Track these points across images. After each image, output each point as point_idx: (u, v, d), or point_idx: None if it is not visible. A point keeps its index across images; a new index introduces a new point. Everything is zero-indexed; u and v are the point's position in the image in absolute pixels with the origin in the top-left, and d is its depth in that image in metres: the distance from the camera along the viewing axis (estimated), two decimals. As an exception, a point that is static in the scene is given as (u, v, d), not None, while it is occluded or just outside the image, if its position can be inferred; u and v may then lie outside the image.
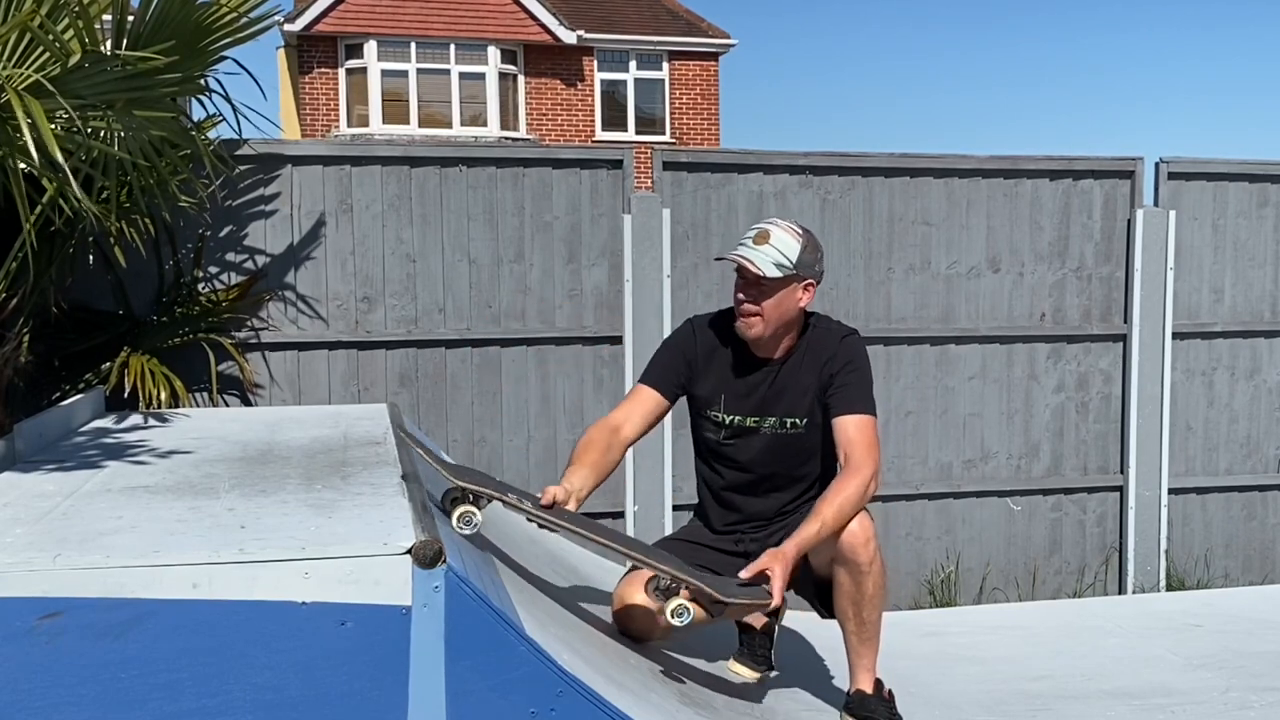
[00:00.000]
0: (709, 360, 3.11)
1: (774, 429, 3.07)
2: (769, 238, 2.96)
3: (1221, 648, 3.93)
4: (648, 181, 5.65)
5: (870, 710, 2.95)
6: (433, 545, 2.18)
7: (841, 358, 3.02)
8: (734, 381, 3.09)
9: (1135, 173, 5.71)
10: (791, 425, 3.06)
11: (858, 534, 2.87)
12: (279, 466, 3.10)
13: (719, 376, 3.10)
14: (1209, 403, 5.86)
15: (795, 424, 3.06)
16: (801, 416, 3.06)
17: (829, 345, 3.06)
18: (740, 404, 3.09)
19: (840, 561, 2.91)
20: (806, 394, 3.04)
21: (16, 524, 2.42)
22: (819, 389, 3.03)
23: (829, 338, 3.09)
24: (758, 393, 3.08)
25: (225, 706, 2.11)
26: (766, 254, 2.95)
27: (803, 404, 3.05)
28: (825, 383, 3.02)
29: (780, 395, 3.06)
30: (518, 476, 5.20)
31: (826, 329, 3.13)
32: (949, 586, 5.60)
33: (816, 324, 3.13)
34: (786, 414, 3.06)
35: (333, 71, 18.78)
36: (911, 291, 5.57)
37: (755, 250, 2.95)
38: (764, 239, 2.96)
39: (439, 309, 5.12)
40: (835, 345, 3.06)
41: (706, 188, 5.35)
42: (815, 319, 3.14)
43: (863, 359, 3.03)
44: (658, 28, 20.07)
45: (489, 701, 2.21)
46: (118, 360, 4.39)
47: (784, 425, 3.06)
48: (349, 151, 5.23)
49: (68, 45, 3.41)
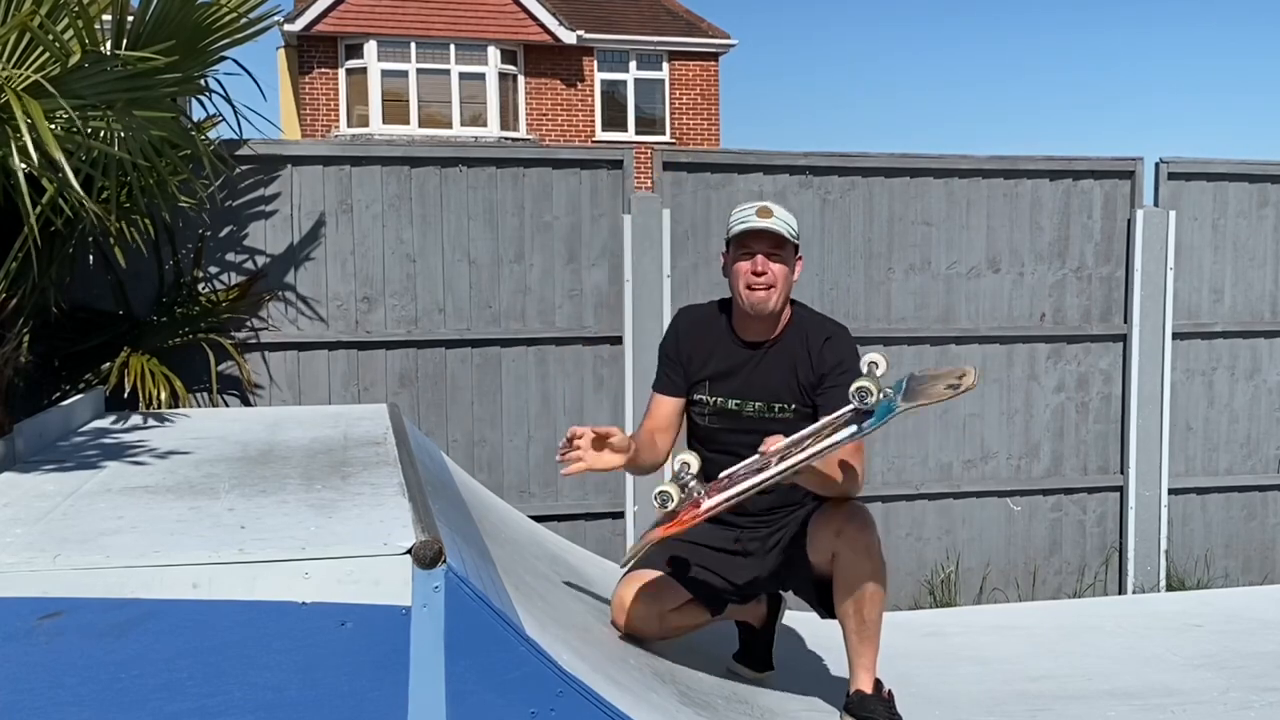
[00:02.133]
0: (696, 345, 3.15)
1: (759, 413, 3.07)
2: (771, 212, 3.03)
3: (1221, 648, 3.93)
4: (648, 182, 5.65)
5: (870, 710, 2.95)
6: (433, 545, 2.18)
7: (834, 355, 3.04)
8: (720, 363, 3.12)
9: (1135, 173, 5.71)
10: (780, 410, 3.06)
11: (860, 532, 2.88)
12: (279, 467, 3.10)
13: (705, 359, 3.14)
14: (1209, 403, 5.86)
15: (783, 409, 3.06)
16: (789, 402, 3.06)
17: (816, 336, 3.08)
18: (724, 385, 3.11)
19: (841, 558, 2.91)
20: (791, 380, 3.06)
21: (16, 524, 2.42)
22: (809, 384, 3.04)
23: (815, 331, 3.10)
24: (741, 374, 3.10)
25: (225, 706, 2.11)
26: (779, 223, 3.01)
27: (789, 389, 3.06)
28: (815, 380, 3.03)
29: (766, 378, 3.08)
30: (518, 476, 5.21)
31: (811, 316, 3.17)
32: (949, 586, 5.60)
33: (798, 309, 3.16)
34: (773, 398, 3.07)
35: (333, 72, 18.78)
36: (911, 291, 5.57)
37: (767, 221, 3.01)
38: (767, 213, 3.03)
39: (439, 309, 5.12)
40: (823, 339, 3.07)
41: (706, 188, 5.35)
42: (796, 304, 3.17)
43: (854, 359, 3.02)
44: (658, 28, 20.07)
45: (489, 701, 2.21)
46: (118, 360, 4.38)
47: (770, 410, 3.07)
48: (349, 152, 5.23)
49: (67, 45, 3.41)
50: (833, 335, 3.09)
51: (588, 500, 5.30)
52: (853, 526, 2.90)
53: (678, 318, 3.27)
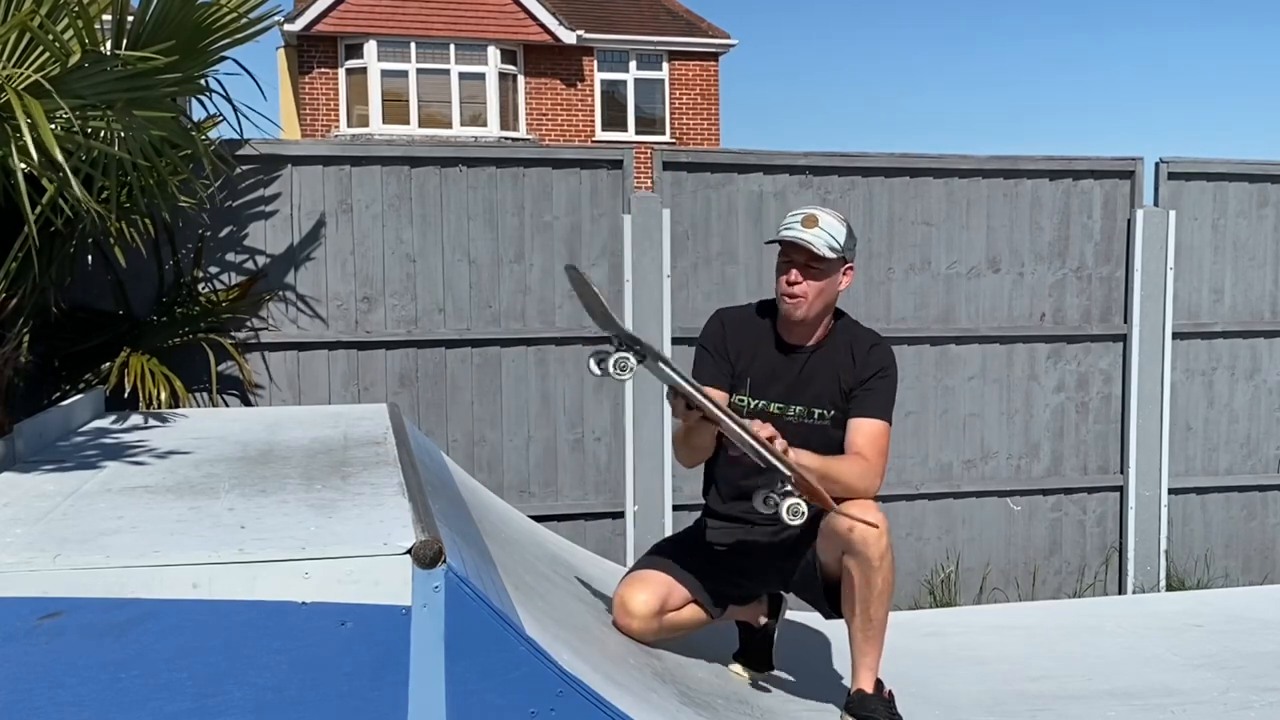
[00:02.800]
0: (739, 345, 3.15)
1: (799, 418, 3.08)
2: (818, 221, 3.02)
3: (1221, 648, 3.93)
4: (648, 181, 5.65)
5: (870, 710, 2.95)
6: (433, 545, 2.18)
7: (875, 364, 3.08)
8: (763, 366, 3.12)
9: (1135, 173, 5.71)
10: (819, 416, 3.08)
11: (872, 528, 2.87)
12: (279, 466, 3.10)
13: (748, 361, 3.13)
14: (1209, 403, 5.86)
15: (822, 415, 3.08)
16: (828, 409, 3.08)
17: (861, 345, 3.12)
18: (767, 389, 3.10)
19: (852, 555, 2.91)
20: (833, 386, 3.07)
21: (16, 524, 2.42)
22: (848, 388, 3.06)
23: (861, 338, 3.15)
24: (785, 378, 3.10)
25: (225, 706, 2.11)
26: (819, 236, 3.01)
27: (830, 396, 3.08)
28: (854, 384, 3.06)
29: (808, 383, 3.09)
30: (518, 476, 5.21)
31: (857, 327, 3.20)
32: (949, 586, 5.60)
33: (845, 319, 3.20)
34: (813, 404, 3.08)
35: (333, 71, 18.78)
36: (911, 291, 5.57)
37: (808, 232, 3.01)
38: (813, 222, 3.02)
39: (439, 309, 5.12)
40: (868, 348, 3.11)
41: (706, 188, 5.35)
42: (843, 315, 3.19)
43: (894, 369, 3.11)
44: (658, 28, 20.07)
45: (489, 701, 2.21)
46: (118, 360, 4.38)
47: (810, 415, 3.08)
48: (349, 152, 5.23)
49: (68, 45, 3.41)
50: (877, 344, 3.14)
51: (588, 500, 5.30)
52: (866, 524, 2.90)
53: (720, 315, 3.25)
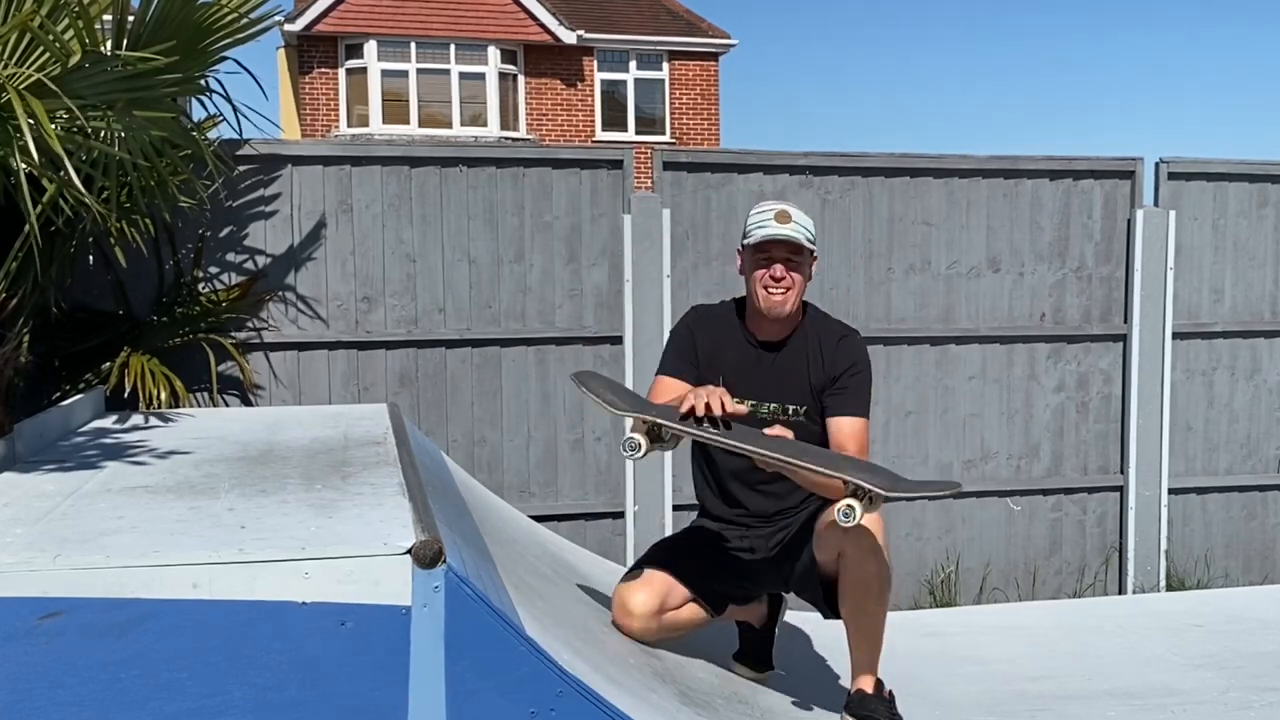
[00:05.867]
0: (710, 343, 3.15)
1: (773, 415, 3.07)
2: (791, 216, 3.04)
3: (1221, 648, 3.93)
4: (648, 181, 5.65)
5: (871, 710, 2.95)
6: (433, 545, 2.18)
7: (846, 359, 3.07)
8: (734, 364, 3.12)
9: (1135, 173, 5.71)
10: (793, 412, 3.08)
11: (869, 529, 2.87)
12: (279, 466, 3.10)
13: (719, 359, 3.13)
14: (1209, 403, 5.86)
15: (796, 411, 3.07)
16: (802, 404, 3.08)
17: (830, 337, 3.11)
18: (739, 387, 3.10)
19: (849, 555, 2.91)
20: (806, 382, 3.07)
21: (16, 524, 2.42)
22: (820, 385, 3.05)
23: (829, 330, 3.14)
24: (757, 376, 3.10)
25: (225, 706, 2.11)
26: (798, 230, 3.03)
27: (803, 391, 3.08)
28: (827, 381, 3.05)
29: (781, 380, 3.09)
30: (518, 476, 5.21)
31: (825, 319, 3.19)
32: (949, 586, 5.60)
33: (813, 311, 3.19)
34: (788, 400, 3.08)
35: (333, 71, 18.78)
36: (911, 291, 5.57)
37: (786, 228, 3.02)
38: (786, 218, 3.03)
39: (439, 309, 5.12)
40: (837, 342, 3.10)
41: (706, 188, 5.35)
42: (808, 305, 3.18)
43: (866, 363, 3.10)
44: (658, 28, 20.07)
45: (489, 701, 2.21)
46: (118, 360, 4.38)
47: (784, 411, 3.08)
48: (349, 152, 5.23)
49: (68, 45, 3.41)
50: (846, 336, 3.14)
51: (588, 500, 5.30)
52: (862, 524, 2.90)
53: (693, 312, 3.27)
